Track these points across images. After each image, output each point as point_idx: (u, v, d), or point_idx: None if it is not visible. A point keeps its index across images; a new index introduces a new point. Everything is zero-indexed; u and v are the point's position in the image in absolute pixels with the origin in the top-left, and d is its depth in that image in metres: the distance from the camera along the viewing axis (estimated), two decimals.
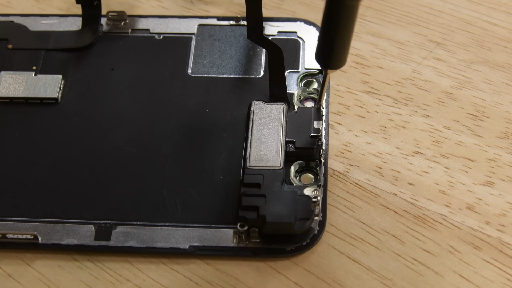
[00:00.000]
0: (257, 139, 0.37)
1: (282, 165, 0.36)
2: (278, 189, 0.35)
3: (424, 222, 0.36)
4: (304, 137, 0.37)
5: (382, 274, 0.35)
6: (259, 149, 0.36)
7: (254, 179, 0.35)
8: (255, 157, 0.36)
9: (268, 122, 0.37)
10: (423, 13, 0.44)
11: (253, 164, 0.36)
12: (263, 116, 0.38)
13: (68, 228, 0.36)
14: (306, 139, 0.37)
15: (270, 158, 0.36)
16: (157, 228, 0.36)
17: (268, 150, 0.36)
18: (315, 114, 0.37)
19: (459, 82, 0.41)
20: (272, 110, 0.38)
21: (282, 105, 0.38)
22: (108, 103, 0.40)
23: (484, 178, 0.37)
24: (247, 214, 0.34)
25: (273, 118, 0.37)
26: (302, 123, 0.37)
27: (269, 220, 0.34)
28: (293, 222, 0.34)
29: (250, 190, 0.35)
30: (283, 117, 0.37)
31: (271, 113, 0.38)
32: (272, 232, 0.35)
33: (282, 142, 0.36)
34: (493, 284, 0.34)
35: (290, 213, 0.34)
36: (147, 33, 0.43)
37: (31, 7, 0.46)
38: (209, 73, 0.41)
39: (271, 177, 0.35)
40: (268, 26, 0.43)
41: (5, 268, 0.36)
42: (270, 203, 0.34)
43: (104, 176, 0.38)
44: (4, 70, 0.41)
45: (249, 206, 0.35)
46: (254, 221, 0.34)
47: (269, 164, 0.36)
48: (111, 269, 0.35)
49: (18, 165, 0.38)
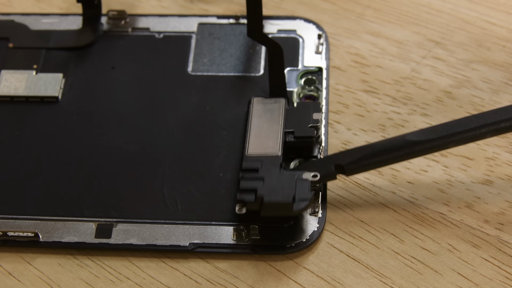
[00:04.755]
0: (256, 130, 0.37)
1: (280, 152, 0.36)
2: (276, 173, 0.35)
3: (423, 221, 0.36)
4: (304, 127, 0.37)
5: (381, 272, 0.35)
6: (258, 139, 0.36)
7: (253, 165, 0.35)
8: (254, 147, 0.36)
9: (267, 115, 0.37)
10: (422, 13, 0.44)
11: (252, 152, 0.36)
12: (262, 110, 0.38)
13: (69, 225, 0.36)
14: (305, 129, 0.37)
15: (269, 147, 0.36)
16: (157, 226, 0.36)
17: (267, 140, 0.36)
18: (315, 107, 0.37)
19: (458, 81, 0.41)
20: (272, 104, 0.38)
21: (281, 100, 0.38)
22: (109, 102, 0.40)
23: (483, 177, 0.37)
24: (245, 196, 0.34)
25: (273, 111, 0.37)
26: (301, 115, 0.37)
27: (267, 200, 0.33)
28: (291, 202, 0.33)
29: (248, 174, 0.35)
30: (282, 110, 0.37)
31: (271, 107, 0.38)
32: (271, 214, 0.34)
33: (281, 132, 0.36)
34: (492, 282, 0.34)
35: (288, 193, 0.34)
36: (147, 32, 0.43)
37: (31, 7, 0.46)
38: (209, 72, 0.41)
39: (270, 163, 0.35)
40: (268, 25, 0.43)
41: (5, 266, 0.36)
42: (268, 185, 0.34)
43: (105, 174, 0.38)
44: (5, 69, 0.42)
45: (247, 189, 0.34)
46: (253, 204, 0.34)
47: (268, 151, 0.36)
48: (111, 267, 0.36)
49: (19, 163, 0.38)
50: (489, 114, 0.34)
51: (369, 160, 0.35)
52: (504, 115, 0.34)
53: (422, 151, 0.34)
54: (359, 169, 0.35)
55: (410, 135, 0.34)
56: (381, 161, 0.35)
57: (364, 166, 0.35)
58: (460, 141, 0.34)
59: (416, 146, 0.34)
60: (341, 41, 0.43)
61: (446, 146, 0.34)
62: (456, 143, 0.34)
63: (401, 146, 0.34)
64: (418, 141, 0.34)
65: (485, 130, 0.34)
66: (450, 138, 0.34)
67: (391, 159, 0.35)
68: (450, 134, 0.34)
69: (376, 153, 0.35)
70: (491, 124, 0.34)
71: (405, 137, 0.34)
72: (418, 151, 0.34)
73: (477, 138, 0.34)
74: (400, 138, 0.35)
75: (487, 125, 0.34)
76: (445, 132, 0.34)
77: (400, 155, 0.34)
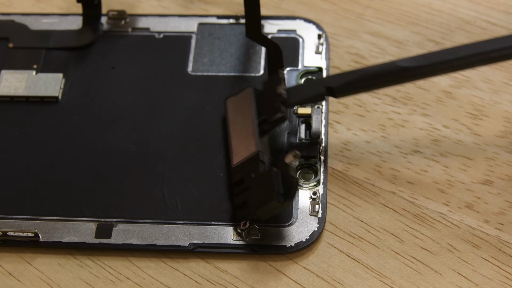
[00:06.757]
0: (236, 134, 0.37)
1: (257, 148, 0.35)
2: (257, 175, 0.35)
3: (423, 221, 0.36)
4: (274, 108, 0.36)
5: (381, 272, 0.35)
6: (240, 143, 0.36)
7: (238, 176, 0.36)
8: (238, 153, 0.36)
9: (241, 112, 0.37)
10: (422, 13, 0.44)
11: (235, 160, 0.36)
12: (236, 109, 0.38)
13: (69, 225, 0.36)
14: (275, 109, 0.36)
15: (250, 147, 0.36)
16: (157, 226, 0.36)
17: (247, 139, 0.36)
18: (277, 79, 0.37)
19: (458, 81, 0.41)
20: (242, 98, 0.38)
21: (248, 89, 0.38)
22: (109, 102, 0.40)
23: (483, 177, 0.37)
24: (240, 213, 0.35)
25: (244, 106, 0.37)
26: (270, 95, 0.37)
27: (254, 208, 0.34)
28: (275, 200, 0.33)
29: (238, 188, 0.35)
30: (252, 100, 0.37)
31: (241, 101, 0.38)
32: (268, 215, 0.34)
33: (256, 124, 0.36)
34: (492, 282, 0.34)
35: (269, 194, 0.33)
36: (147, 32, 0.43)
37: (31, 7, 0.46)
38: (209, 72, 0.41)
39: (251, 165, 0.35)
40: (268, 24, 0.43)
41: (5, 266, 0.36)
42: (252, 192, 0.34)
43: (105, 174, 0.38)
44: (5, 69, 0.42)
45: (240, 204, 0.35)
46: (250, 215, 0.34)
47: (250, 152, 0.36)
48: (111, 267, 0.36)
49: (19, 163, 0.38)
50: (479, 44, 0.35)
51: (359, 83, 0.35)
52: (494, 46, 0.34)
53: (411, 77, 0.35)
54: (348, 91, 0.36)
55: (400, 62, 0.35)
56: (370, 84, 0.35)
57: (354, 89, 0.36)
58: (449, 68, 0.35)
59: (405, 72, 0.35)
60: (341, 41, 0.43)
61: (435, 73, 0.35)
62: (445, 71, 0.35)
63: (391, 71, 0.35)
64: (408, 67, 0.35)
65: (475, 59, 0.34)
66: (439, 65, 0.35)
67: (381, 83, 0.35)
68: (439, 62, 0.34)
69: (366, 77, 0.35)
70: (481, 53, 0.34)
71: (396, 63, 0.35)
72: (408, 77, 0.35)
73: (466, 67, 0.35)
74: (391, 64, 0.35)
75: (476, 55, 0.34)
76: (434, 59, 0.35)
77: (389, 79, 0.35)
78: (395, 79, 0.35)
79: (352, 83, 0.35)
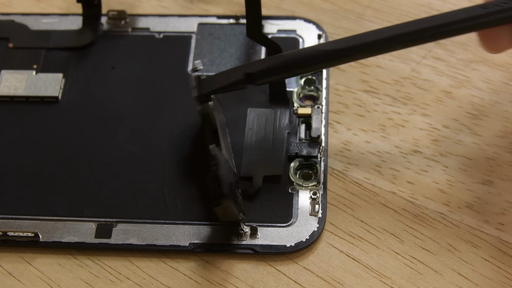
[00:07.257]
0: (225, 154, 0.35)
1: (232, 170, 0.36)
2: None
3: (423, 221, 0.36)
4: None
5: (381, 272, 0.35)
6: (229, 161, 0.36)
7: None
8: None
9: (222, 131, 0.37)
10: (422, 13, 0.44)
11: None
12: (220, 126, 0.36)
13: (69, 225, 0.36)
14: None
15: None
16: (157, 226, 0.36)
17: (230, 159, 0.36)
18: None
19: (458, 81, 0.41)
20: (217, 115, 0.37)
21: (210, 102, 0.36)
22: (109, 102, 0.40)
23: (483, 177, 0.37)
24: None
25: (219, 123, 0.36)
26: None
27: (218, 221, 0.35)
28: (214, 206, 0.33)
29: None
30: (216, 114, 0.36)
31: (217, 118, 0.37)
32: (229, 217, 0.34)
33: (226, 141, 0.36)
34: (492, 282, 0.34)
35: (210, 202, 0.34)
36: (147, 32, 0.43)
37: (31, 7, 0.46)
38: (209, 72, 0.41)
39: None
40: (268, 25, 0.43)
41: (5, 266, 0.36)
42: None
43: (105, 174, 0.38)
44: (5, 69, 0.42)
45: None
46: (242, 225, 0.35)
47: None
48: (111, 267, 0.36)
49: (19, 163, 0.38)
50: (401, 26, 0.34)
51: (278, 69, 0.35)
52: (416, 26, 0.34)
53: (333, 60, 0.35)
54: (268, 77, 0.35)
55: (321, 45, 0.35)
56: (291, 69, 0.35)
57: (273, 74, 0.35)
58: (370, 51, 0.34)
59: (326, 56, 0.34)
60: None
61: (356, 56, 0.35)
62: (367, 54, 0.35)
63: (311, 55, 0.34)
64: (329, 51, 0.34)
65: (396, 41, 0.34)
66: (360, 48, 0.34)
67: (301, 68, 0.35)
68: (360, 44, 0.34)
69: (286, 62, 0.35)
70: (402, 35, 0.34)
71: (316, 47, 0.35)
72: (329, 61, 0.35)
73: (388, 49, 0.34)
74: (311, 48, 0.35)
75: (397, 37, 0.34)
76: (355, 42, 0.34)
77: (310, 64, 0.35)
78: (316, 64, 0.35)
79: (271, 68, 0.35)
